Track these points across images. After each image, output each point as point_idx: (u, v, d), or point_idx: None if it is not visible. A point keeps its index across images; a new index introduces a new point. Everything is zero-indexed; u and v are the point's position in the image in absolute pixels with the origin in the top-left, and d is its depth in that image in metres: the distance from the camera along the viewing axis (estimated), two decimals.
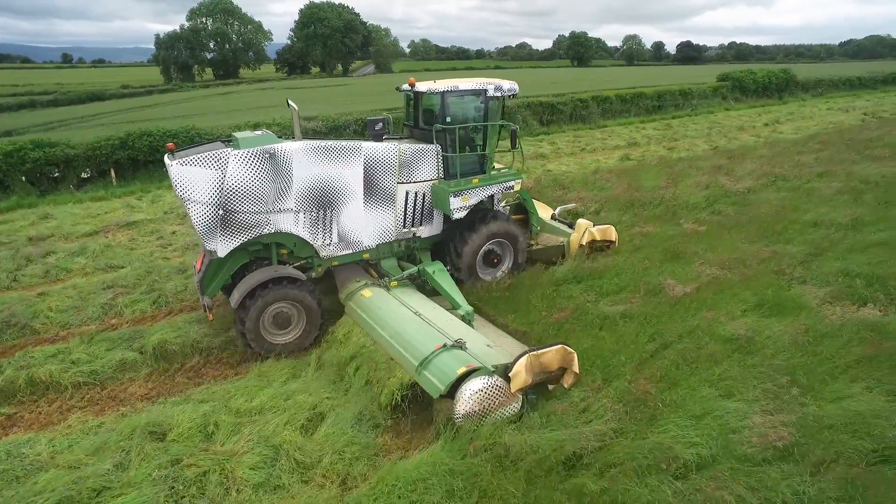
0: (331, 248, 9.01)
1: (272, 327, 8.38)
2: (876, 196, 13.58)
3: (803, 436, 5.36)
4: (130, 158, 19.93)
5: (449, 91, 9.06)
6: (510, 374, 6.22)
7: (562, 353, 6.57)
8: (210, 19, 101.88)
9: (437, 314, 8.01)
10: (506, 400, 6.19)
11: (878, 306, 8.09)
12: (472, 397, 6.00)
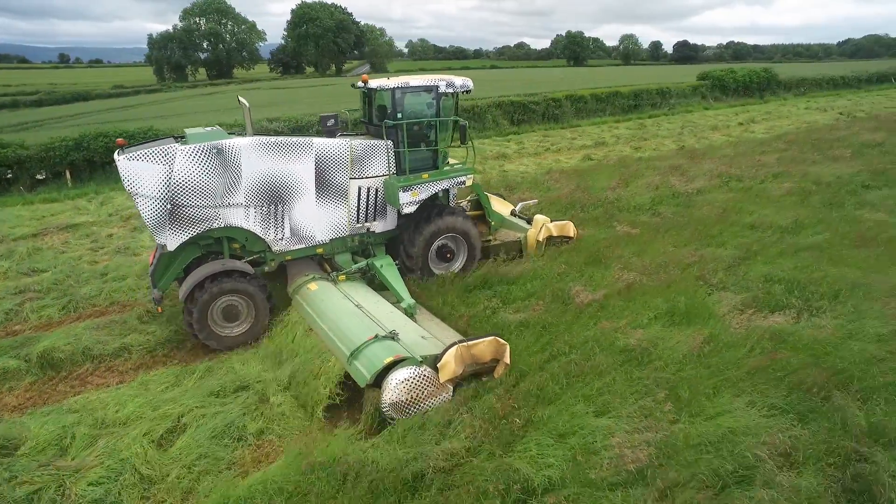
0: (283, 242, 9.07)
1: (221, 320, 8.46)
2: (823, 197, 13.31)
3: (662, 456, 5.09)
4: (86, 160, 19.69)
5: (399, 87, 9.13)
6: (439, 365, 6.30)
7: (494, 345, 6.66)
8: (203, 19, 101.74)
9: (378, 307, 8.08)
10: (435, 390, 6.28)
11: (791, 313, 7.83)
12: (399, 386, 6.09)
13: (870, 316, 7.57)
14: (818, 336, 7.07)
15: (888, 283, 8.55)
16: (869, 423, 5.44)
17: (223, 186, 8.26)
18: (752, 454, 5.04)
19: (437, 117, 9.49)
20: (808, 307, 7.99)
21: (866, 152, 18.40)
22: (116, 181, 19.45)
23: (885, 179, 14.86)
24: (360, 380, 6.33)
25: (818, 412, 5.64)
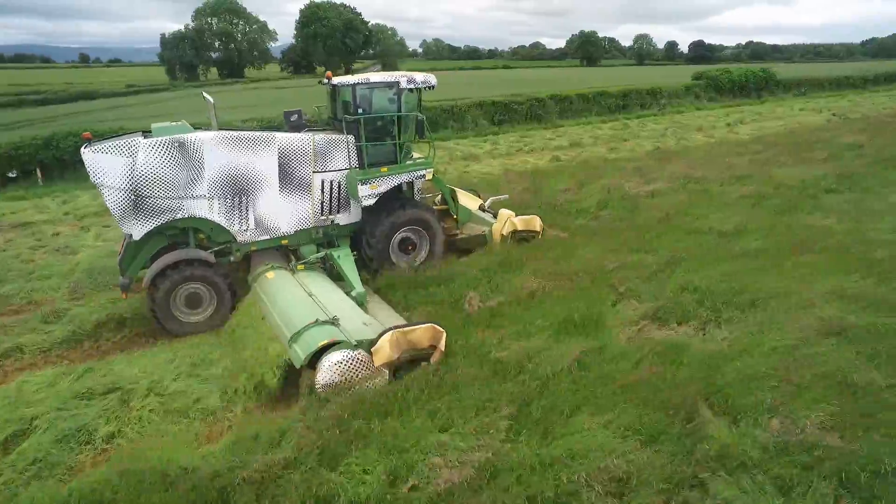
0: (248, 233, 9.42)
1: (184, 307, 8.80)
2: (779, 202, 12.88)
3: (480, 478, 4.86)
4: (56, 158, 19.89)
5: (359, 84, 9.41)
6: (373, 349, 6.53)
7: (431, 332, 6.90)
8: (215, 19, 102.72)
9: (330, 295, 8.33)
10: (369, 373, 6.50)
11: (695, 325, 7.51)
12: (332, 368, 6.33)
13: (774, 328, 7.19)
14: (711, 350, 6.76)
15: (810, 292, 8.15)
16: (720, 447, 5.14)
17: (185, 178, 8.65)
18: (584, 479, 4.79)
19: (398, 113, 9.69)
20: (716, 318, 7.64)
21: (843, 154, 17.85)
22: (85, 179, 19.63)
23: (850, 183, 14.36)
24: (296, 361, 6.58)
25: (669, 434, 5.35)
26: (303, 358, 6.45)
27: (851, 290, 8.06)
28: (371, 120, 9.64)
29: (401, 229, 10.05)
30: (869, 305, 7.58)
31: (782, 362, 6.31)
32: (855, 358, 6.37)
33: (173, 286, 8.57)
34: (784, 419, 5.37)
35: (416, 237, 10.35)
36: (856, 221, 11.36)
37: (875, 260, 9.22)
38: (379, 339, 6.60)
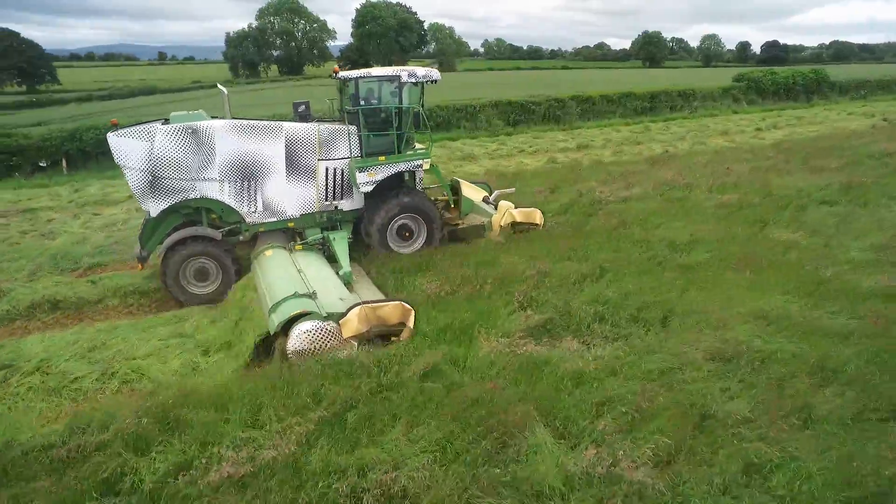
0: (256, 215, 10.14)
1: (193, 279, 9.65)
2: (755, 213, 12.06)
3: (251, 476, 4.84)
4: (80, 150, 21.22)
5: (361, 77, 10.00)
6: (342, 321, 6.97)
7: (399, 309, 7.32)
8: (277, 18, 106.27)
9: (318, 273, 8.85)
10: (337, 344, 6.94)
11: (585, 340, 7.15)
12: (301, 336, 6.84)
13: (665, 349, 6.74)
14: (575, 369, 6.37)
15: (730, 311, 7.57)
16: (516, 473, 4.88)
17: (198, 162, 9.50)
18: (349, 491, 4.69)
19: (395, 105, 10.14)
20: (611, 334, 7.27)
21: (864, 163, 16.52)
22: (103, 169, 20.86)
23: (851, 195, 13.25)
24: (270, 327, 7.12)
25: (472, 454, 5.07)
26: (276, 325, 6.99)
27: (777, 312, 7.51)
28: (371, 111, 10.25)
29: (398, 216, 10.44)
30: (786, 329, 7.07)
31: (645, 387, 5.92)
32: (727, 386, 5.92)
33: (183, 259, 9.44)
34: (603, 449, 5.04)
35: (415, 225, 10.69)
36: (828, 237, 10.52)
37: (822, 280, 8.56)
38: (348, 312, 7.03)
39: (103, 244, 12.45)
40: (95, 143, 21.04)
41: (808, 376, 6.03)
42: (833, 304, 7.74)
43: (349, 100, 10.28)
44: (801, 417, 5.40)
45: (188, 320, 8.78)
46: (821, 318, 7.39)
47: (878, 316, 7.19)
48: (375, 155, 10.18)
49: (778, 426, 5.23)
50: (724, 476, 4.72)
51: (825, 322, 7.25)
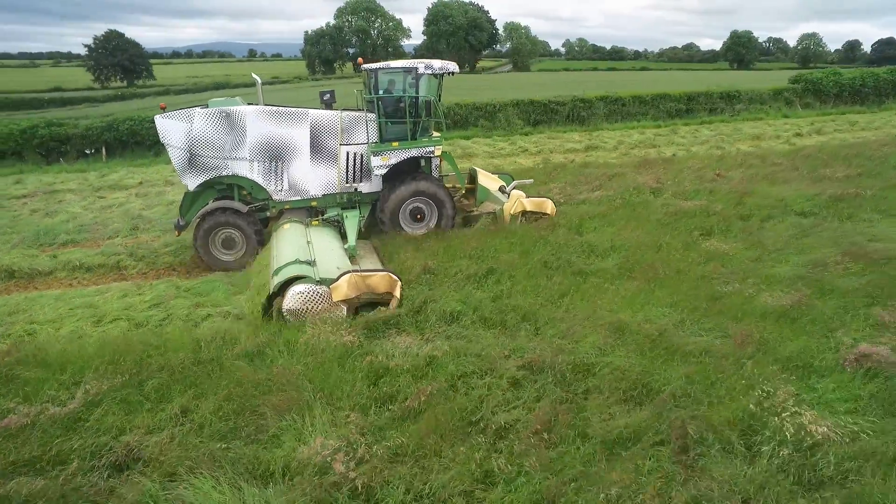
0: (282, 193, 11.20)
1: (221, 247, 10.78)
2: (709, 221, 11.32)
3: None
4: (116, 139, 23.14)
5: (380, 68, 10.88)
6: (332, 286, 7.66)
7: (387, 279, 7.93)
8: (355, 17, 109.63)
9: (324, 245, 9.54)
10: (328, 306, 7.64)
11: (429, 337, 7.11)
12: (295, 296, 7.61)
13: (480, 353, 6.55)
14: (375, 362, 6.39)
15: (583, 320, 7.25)
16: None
17: (230, 143, 10.64)
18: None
19: (407, 94, 10.84)
20: (453, 334, 7.16)
21: (883, 174, 15.02)
22: (133, 159, 22.67)
23: (837, 207, 12.15)
24: (270, 288, 7.96)
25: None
26: (274, 286, 7.84)
27: (639, 325, 7.08)
28: (388, 100, 10.94)
29: (411, 199, 11.07)
30: (635, 343, 6.69)
31: (422, 386, 5.85)
32: (518, 396, 5.78)
33: (212, 228, 10.55)
34: (340, 441, 5.08)
35: (427, 208, 11.26)
36: (767, 251, 9.74)
37: (719, 295, 8.00)
38: (339, 278, 7.70)
39: (86, 223, 13.64)
40: (130, 132, 22.90)
41: (613, 393, 5.75)
42: (713, 320, 7.28)
43: (371, 89, 11.04)
44: (570, 434, 5.18)
45: (105, 293, 9.53)
46: (688, 334, 6.98)
47: (744, 336, 6.70)
48: (392, 141, 10.94)
49: (530, 441, 5.04)
50: (461, 480, 4.68)
51: (688, 339, 6.79)
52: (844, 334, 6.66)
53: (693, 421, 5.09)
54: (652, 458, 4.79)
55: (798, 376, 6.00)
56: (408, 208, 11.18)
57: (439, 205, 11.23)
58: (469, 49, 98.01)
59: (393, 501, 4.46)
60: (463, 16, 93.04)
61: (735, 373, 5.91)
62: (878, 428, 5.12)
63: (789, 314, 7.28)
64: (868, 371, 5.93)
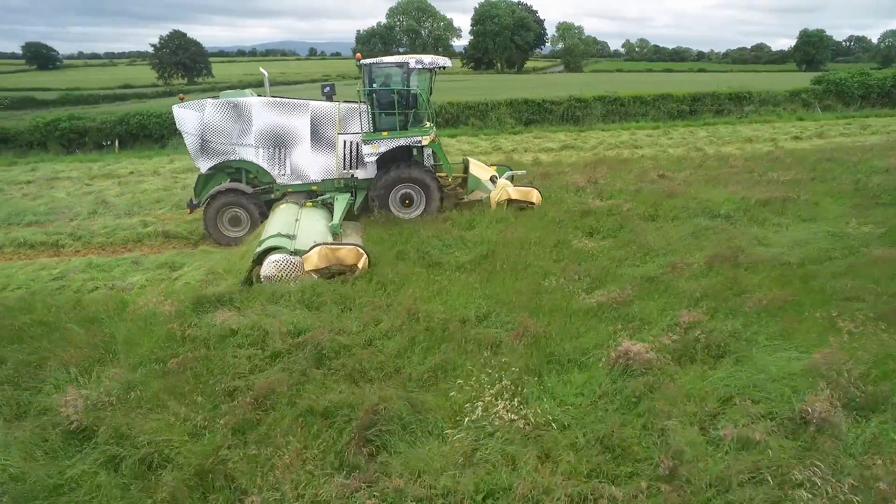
0: (285, 178, 12.23)
1: (228, 225, 11.86)
2: (604, 221, 11.31)
3: None
4: (127, 132, 24.97)
5: (374, 63, 11.80)
6: (304, 257, 8.65)
7: (354, 252, 8.84)
8: (405, 17, 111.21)
9: (310, 223, 10.44)
10: (300, 274, 8.63)
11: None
12: (270, 264, 8.66)
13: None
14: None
15: (398, 302, 7.69)
16: None
17: (238, 130, 11.79)
18: None
19: (403, 88, 11.69)
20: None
21: (831, 180, 14.27)
22: (141, 150, 24.40)
23: (760, 210, 11.92)
24: (251, 257, 9.02)
25: None
26: (254, 255, 8.90)
27: (427, 313, 7.31)
28: (381, 93, 11.74)
29: (400, 185, 11.87)
30: (409, 331, 6.89)
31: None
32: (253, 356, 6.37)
33: (220, 207, 11.60)
34: None
35: (416, 194, 12.01)
36: (637, 252, 9.67)
37: (540, 290, 8.14)
38: (310, 250, 8.64)
39: (57, 207, 15.03)
40: (139, 126, 24.68)
41: (341, 370, 6.13)
42: (516, 315, 7.36)
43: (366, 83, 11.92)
44: (280, 402, 5.62)
45: (28, 267, 10.68)
46: (485, 326, 7.19)
47: (523, 329, 6.88)
48: (384, 131, 11.76)
49: (248, 405, 5.54)
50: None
51: (480, 330, 6.94)
52: (629, 333, 6.72)
53: (390, 401, 5.38)
54: (333, 429, 5.18)
55: (557, 370, 6.17)
56: (398, 194, 11.96)
57: (427, 191, 11.94)
58: (516, 49, 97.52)
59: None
60: (510, 16, 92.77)
61: (479, 363, 6.14)
62: (579, 413, 5.33)
63: (595, 311, 7.39)
64: (624, 368, 6.01)
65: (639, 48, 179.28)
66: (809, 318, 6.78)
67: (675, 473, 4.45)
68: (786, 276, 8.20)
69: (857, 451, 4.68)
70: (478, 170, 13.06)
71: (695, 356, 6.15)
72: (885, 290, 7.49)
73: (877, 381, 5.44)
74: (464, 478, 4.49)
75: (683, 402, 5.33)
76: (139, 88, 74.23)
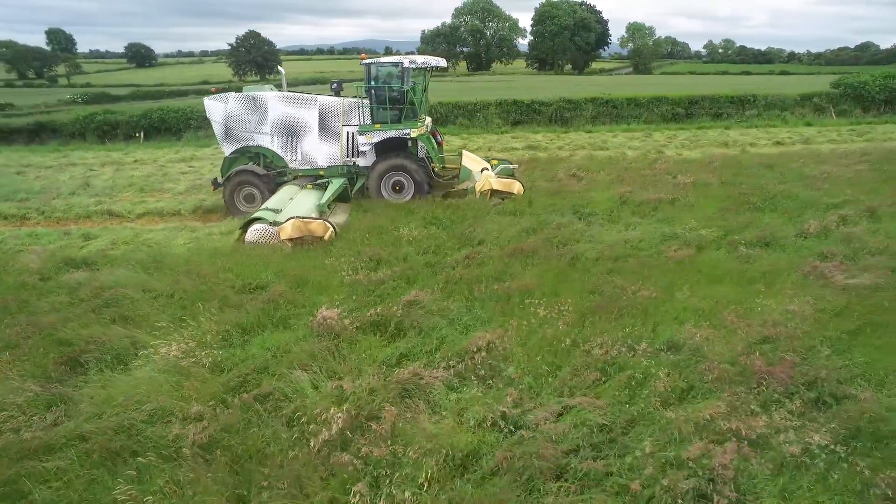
0: (296, 163, 14.06)
1: (243, 201, 13.57)
2: (479, 216, 12.09)
3: None
4: (150, 125, 27.87)
5: (373, 63, 13.47)
6: (280, 227, 10.51)
7: (323, 226, 10.57)
8: (471, 17, 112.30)
9: (301, 201, 12.10)
10: (276, 242, 10.40)
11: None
12: (253, 232, 10.66)
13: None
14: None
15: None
16: None
17: (255, 120, 13.66)
18: None
19: (396, 85, 13.21)
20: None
21: (740, 184, 14.11)
22: (160, 142, 27.16)
23: (641, 210, 12.27)
24: (241, 226, 11.09)
25: None
26: (241, 224, 11.13)
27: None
28: (377, 89, 13.28)
29: (391, 172, 13.36)
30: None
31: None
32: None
33: (237, 185, 13.39)
34: None
35: (406, 181, 13.46)
36: (448, 240, 10.41)
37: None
38: (285, 222, 10.43)
39: (47, 186, 17.49)
40: (160, 120, 27.51)
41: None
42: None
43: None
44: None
45: None
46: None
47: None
48: (380, 124, 13.29)
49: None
50: None
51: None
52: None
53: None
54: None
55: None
56: (390, 181, 13.40)
57: (415, 180, 13.31)
58: (576, 50, 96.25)
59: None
60: (570, 16, 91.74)
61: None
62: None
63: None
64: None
65: (722, 49, 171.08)
66: (517, 303, 7.45)
67: None
68: (558, 268, 8.76)
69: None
70: (470, 162, 14.34)
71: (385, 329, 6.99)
72: (626, 283, 7.96)
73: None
74: None
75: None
76: (216, 85, 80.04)
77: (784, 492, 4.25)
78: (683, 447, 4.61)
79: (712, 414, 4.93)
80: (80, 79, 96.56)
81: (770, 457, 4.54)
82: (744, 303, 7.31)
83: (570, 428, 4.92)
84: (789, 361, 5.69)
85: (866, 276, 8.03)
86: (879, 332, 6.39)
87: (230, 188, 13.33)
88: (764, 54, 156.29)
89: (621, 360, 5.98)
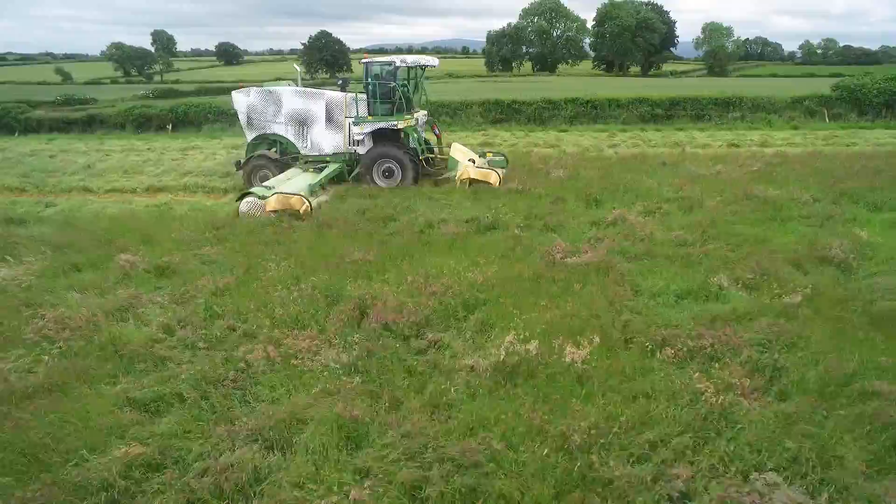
0: (307, 150, 16.04)
1: (260, 181, 14.73)
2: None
3: None
4: (177, 119, 31.48)
5: (369, 62, 15.41)
6: (265, 201, 12.23)
7: (301, 201, 12.15)
8: (538, 17, 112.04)
9: (295, 181, 14.02)
10: (263, 213, 12.12)
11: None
12: (245, 204, 12.47)
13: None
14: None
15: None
16: None
17: (272, 111, 15.87)
18: None
19: (388, 83, 14.99)
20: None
21: (617, 178, 14.86)
22: (180, 134, 30.61)
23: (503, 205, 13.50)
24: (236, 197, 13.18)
25: None
26: (237, 196, 13.06)
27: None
28: (373, 86, 14.98)
29: (381, 159, 14.98)
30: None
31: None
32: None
33: (253, 168, 15.51)
34: None
35: (396, 168, 15.02)
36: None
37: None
38: (270, 196, 12.17)
39: (59, 167, 20.94)
40: (184, 114, 31.08)
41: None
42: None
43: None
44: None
45: None
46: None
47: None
48: (381, 117, 15.04)
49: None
50: None
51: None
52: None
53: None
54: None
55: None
56: (381, 168, 15.00)
57: (402, 167, 14.91)
58: (638, 50, 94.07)
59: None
60: (632, 16, 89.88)
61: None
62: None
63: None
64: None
65: (821, 49, 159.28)
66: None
67: None
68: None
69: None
70: (458, 153, 15.70)
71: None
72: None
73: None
74: None
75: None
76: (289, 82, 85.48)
77: None
78: None
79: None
80: (172, 76, 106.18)
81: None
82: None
83: None
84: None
85: (586, 258, 9.09)
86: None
87: (248, 170, 15.44)
88: (870, 55, 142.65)
89: None
